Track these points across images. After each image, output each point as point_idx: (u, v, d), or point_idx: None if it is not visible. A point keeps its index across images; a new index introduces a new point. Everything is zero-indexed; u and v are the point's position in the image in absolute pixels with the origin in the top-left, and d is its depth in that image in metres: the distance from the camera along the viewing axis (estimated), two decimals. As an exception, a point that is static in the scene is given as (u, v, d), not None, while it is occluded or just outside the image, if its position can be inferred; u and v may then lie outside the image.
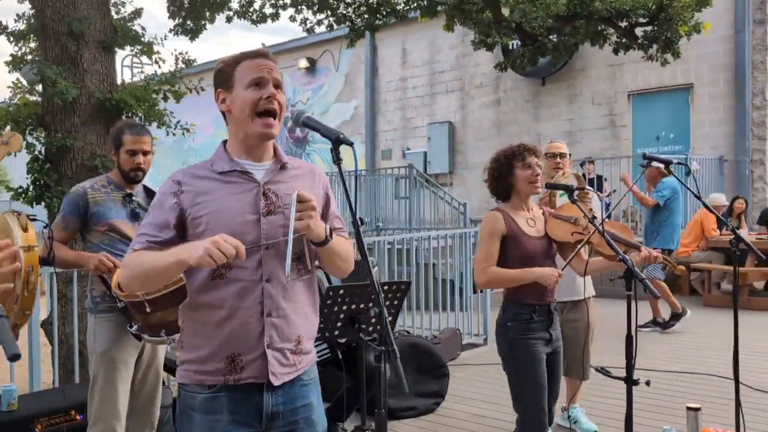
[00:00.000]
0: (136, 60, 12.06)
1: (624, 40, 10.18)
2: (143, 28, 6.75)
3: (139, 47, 6.97)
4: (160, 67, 7.59)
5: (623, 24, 9.76)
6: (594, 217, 3.04)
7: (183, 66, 7.74)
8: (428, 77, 15.54)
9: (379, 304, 1.89)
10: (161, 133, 6.35)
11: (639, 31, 10.12)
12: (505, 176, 3.29)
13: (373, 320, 3.45)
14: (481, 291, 7.18)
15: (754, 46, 11.60)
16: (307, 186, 2.11)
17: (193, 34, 10.01)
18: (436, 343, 5.87)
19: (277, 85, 2.08)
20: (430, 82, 15.50)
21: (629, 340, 2.83)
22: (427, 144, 15.21)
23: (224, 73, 2.09)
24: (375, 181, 11.52)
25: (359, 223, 1.98)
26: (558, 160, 4.42)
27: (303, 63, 17.21)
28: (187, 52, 7.79)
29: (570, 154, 4.54)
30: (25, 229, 2.22)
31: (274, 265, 2.05)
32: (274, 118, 2.07)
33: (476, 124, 14.77)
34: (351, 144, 1.95)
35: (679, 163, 3.81)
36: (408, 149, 15.43)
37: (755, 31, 11.59)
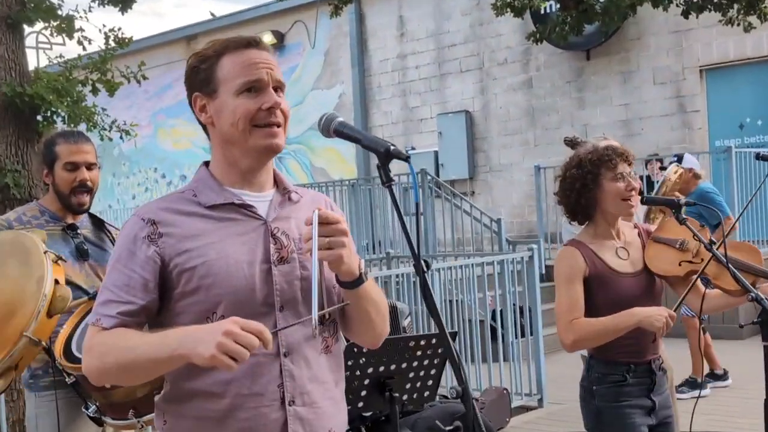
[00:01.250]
0: (42, 39, 11.80)
1: (695, 0, 10.18)
2: (60, -3, 6.68)
3: (55, 23, 6.90)
4: (85, 48, 7.50)
5: (695, -23, 9.78)
6: (712, 242, 2.94)
7: (116, 47, 7.65)
8: (435, 53, 15.52)
9: (463, 379, 1.82)
10: (93, 137, 6.25)
11: (715, -14, 10.13)
12: (588, 189, 3.23)
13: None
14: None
15: None
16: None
17: (124, 4, 9.90)
18: (480, 408, 5.79)
19: (279, 88, 2.05)
20: (438, 59, 15.48)
21: (769, 409, 2.72)
22: (438, 141, 15.18)
23: (201, 72, 2.04)
24: (372, 192, 11.43)
25: (424, 268, 1.91)
26: None
27: (268, 38, 17.14)
28: (120, 28, 7.71)
29: None
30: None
31: (295, 331, 2.00)
32: (278, 127, 2.04)
33: (502, 114, 14.78)
34: (407, 159, 1.92)
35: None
36: (413, 149, 15.39)
37: None
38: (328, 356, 2.08)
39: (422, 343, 3.69)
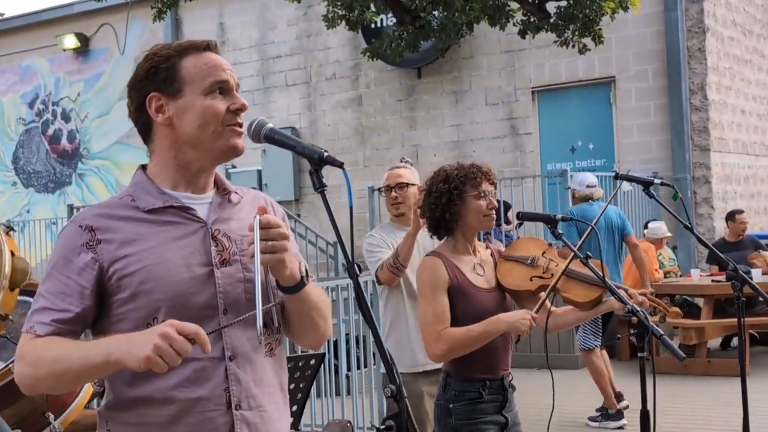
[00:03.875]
0: None
1: (532, 19, 10.83)
2: None
3: None
4: None
5: (531, -3, 10.40)
6: (588, 256, 3.28)
7: None
8: (259, 65, 15.64)
9: (396, 379, 1.98)
10: None
11: (552, 7, 10.81)
12: (453, 204, 3.53)
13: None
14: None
15: (689, 28, 12.73)
16: None
17: None
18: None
19: (236, 92, 2.23)
20: (262, 71, 15.60)
21: (644, 417, 3.07)
22: (261, 159, 15.21)
23: (161, 72, 2.16)
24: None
25: (356, 271, 2.06)
26: (394, 194, 4.73)
27: (70, 42, 16.80)
28: None
29: (414, 185, 4.76)
30: None
31: (239, 334, 2.12)
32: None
33: (330, 131, 15.02)
34: (340, 165, 2.10)
35: (663, 184, 4.17)
36: (233, 167, 15.33)
37: (689, 9, 12.73)
38: (272, 359, 2.20)
39: (289, 365, 3.79)
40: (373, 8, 11.03)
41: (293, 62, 15.37)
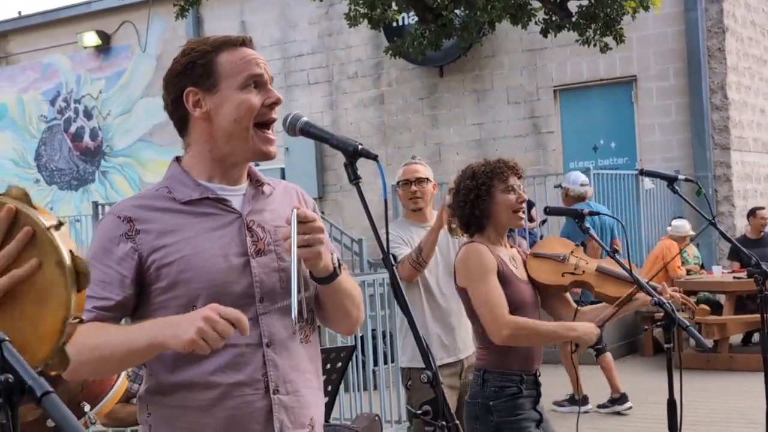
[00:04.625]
0: None
1: (554, 18, 10.96)
2: None
3: None
4: None
5: (553, -4, 10.53)
6: (615, 251, 3.41)
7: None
8: (281, 63, 15.72)
9: (432, 366, 2.09)
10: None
11: (573, 6, 10.94)
12: (482, 200, 3.59)
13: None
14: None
15: (708, 28, 12.83)
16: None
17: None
18: (353, 435, 6.01)
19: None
20: (284, 69, 15.68)
21: (671, 406, 3.19)
22: (284, 157, 15.28)
23: (198, 67, 2.22)
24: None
25: (393, 261, 2.16)
26: (414, 188, 4.76)
27: (91, 39, 16.93)
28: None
29: (431, 181, 4.84)
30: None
31: (275, 321, 2.21)
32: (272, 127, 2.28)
33: (353, 130, 15.06)
34: (375, 157, 2.14)
35: (687, 180, 4.28)
36: (257, 165, 15.42)
37: (709, 9, 12.83)
38: (307, 346, 2.28)
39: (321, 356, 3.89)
40: (395, 6, 11.18)
41: (315, 61, 15.44)
